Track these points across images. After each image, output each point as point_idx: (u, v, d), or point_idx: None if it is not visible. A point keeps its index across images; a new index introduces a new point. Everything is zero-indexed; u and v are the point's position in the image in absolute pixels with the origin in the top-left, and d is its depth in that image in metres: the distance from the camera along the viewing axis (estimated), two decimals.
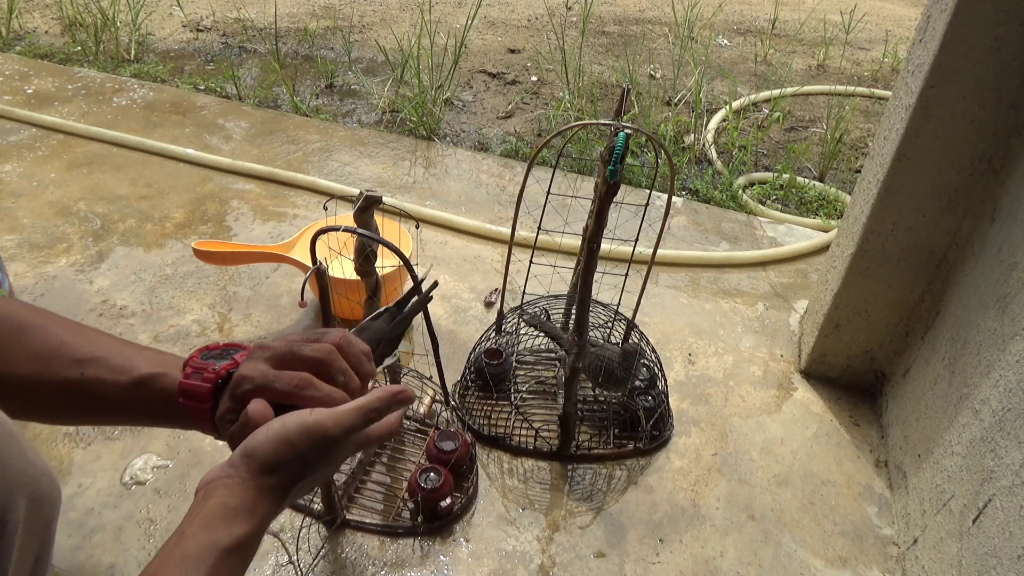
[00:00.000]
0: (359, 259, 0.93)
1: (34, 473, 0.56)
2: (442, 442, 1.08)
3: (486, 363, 1.21)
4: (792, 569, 1.05)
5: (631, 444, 1.18)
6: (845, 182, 2.12)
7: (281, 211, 1.71)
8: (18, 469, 0.54)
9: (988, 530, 0.86)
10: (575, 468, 1.16)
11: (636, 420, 1.18)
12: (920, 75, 1.05)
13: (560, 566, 1.02)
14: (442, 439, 1.08)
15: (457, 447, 1.08)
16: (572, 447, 1.16)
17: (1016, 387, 0.87)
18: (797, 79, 2.77)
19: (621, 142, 0.87)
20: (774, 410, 1.30)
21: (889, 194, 1.14)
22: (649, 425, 1.17)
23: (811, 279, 1.65)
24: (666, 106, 2.43)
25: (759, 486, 1.16)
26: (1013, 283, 0.94)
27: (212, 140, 1.99)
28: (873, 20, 3.48)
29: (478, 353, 1.23)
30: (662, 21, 3.29)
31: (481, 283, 1.54)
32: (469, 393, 1.24)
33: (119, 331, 1.33)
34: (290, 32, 2.85)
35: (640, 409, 1.18)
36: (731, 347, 1.43)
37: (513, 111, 2.38)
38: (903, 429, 1.19)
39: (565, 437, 1.15)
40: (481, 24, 3.07)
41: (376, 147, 2.04)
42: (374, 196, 0.89)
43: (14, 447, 0.54)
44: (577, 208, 1.63)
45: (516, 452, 1.16)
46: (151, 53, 2.59)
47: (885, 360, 1.31)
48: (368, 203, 0.88)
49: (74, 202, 1.68)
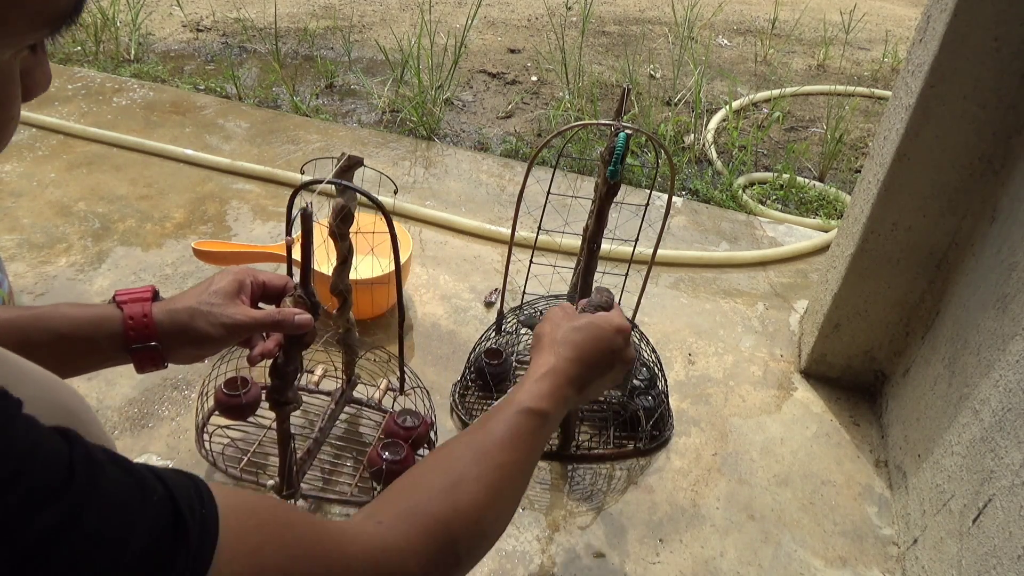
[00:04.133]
0: (336, 219, 0.91)
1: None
2: (402, 419, 1.06)
3: (486, 363, 1.20)
4: (792, 569, 1.05)
5: (631, 444, 1.18)
6: (845, 182, 2.12)
7: (281, 211, 1.71)
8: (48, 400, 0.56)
9: (988, 530, 0.86)
10: (575, 468, 1.16)
11: (636, 420, 1.18)
12: (920, 75, 1.05)
13: (560, 566, 1.02)
14: (402, 416, 1.07)
15: (418, 425, 1.06)
16: (572, 447, 1.16)
17: (1016, 387, 0.87)
18: (797, 79, 2.77)
19: (622, 142, 0.87)
20: (774, 410, 1.30)
21: (889, 194, 1.14)
22: (649, 425, 1.17)
23: (811, 279, 1.65)
24: (666, 106, 2.43)
25: (759, 486, 1.16)
26: (1013, 283, 0.94)
27: (212, 140, 1.99)
28: (873, 20, 3.48)
29: (478, 353, 1.23)
30: (662, 21, 3.29)
31: (481, 283, 1.54)
32: (469, 393, 1.24)
33: None
34: (290, 32, 2.85)
35: (640, 409, 1.18)
36: (731, 347, 1.43)
37: (513, 111, 2.38)
38: (903, 429, 1.19)
39: (565, 437, 1.15)
40: (481, 24, 3.07)
41: (376, 147, 2.04)
42: (356, 157, 0.87)
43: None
44: (577, 208, 1.63)
45: None
46: (151, 53, 2.59)
47: (885, 360, 1.31)
48: (350, 163, 0.87)
49: (74, 202, 1.68)
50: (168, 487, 0.40)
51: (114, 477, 0.38)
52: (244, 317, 0.77)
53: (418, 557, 0.51)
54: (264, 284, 0.84)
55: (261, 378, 1.05)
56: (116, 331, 0.72)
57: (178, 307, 0.75)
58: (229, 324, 0.76)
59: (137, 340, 0.72)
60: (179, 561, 0.38)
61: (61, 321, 0.69)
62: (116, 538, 0.36)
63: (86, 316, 0.71)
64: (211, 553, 0.39)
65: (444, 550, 0.53)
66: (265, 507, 0.46)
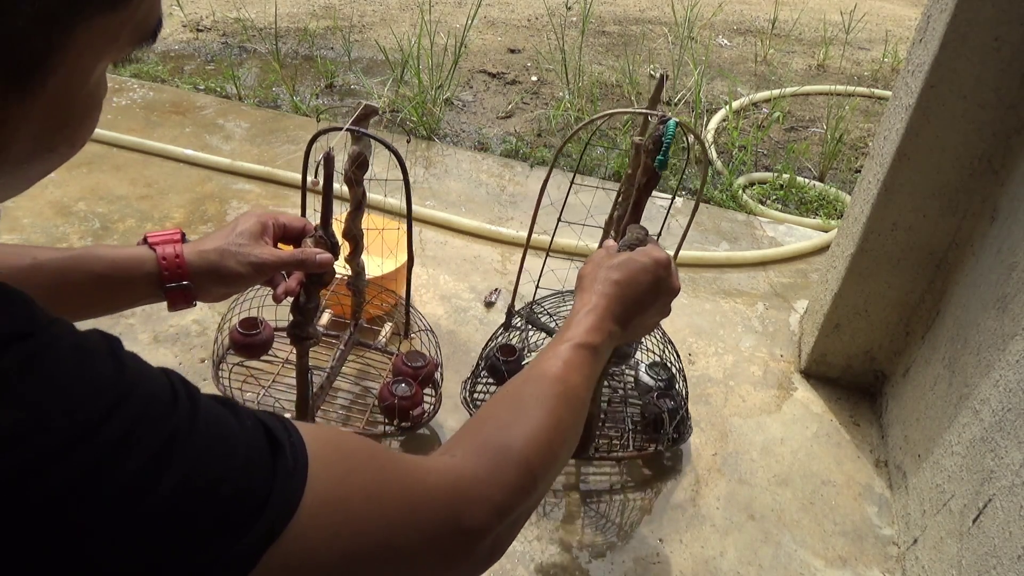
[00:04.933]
0: (352, 167, 0.94)
1: None
2: (410, 360, 1.13)
3: (500, 360, 1.19)
4: (792, 569, 1.05)
5: (652, 446, 1.16)
6: (845, 182, 2.12)
7: (281, 211, 1.71)
8: None
9: (988, 530, 0.86)
10: (586, 468, 1.16)
11: (659, 422, 1.15)
12: (920, 75, 1.05)
13: (560, 566, 1.02)
14: (411, 357, 1.14)
15: (426, 363, 1.14)
16: (592, 449, 1.13)
17: (1016, 387, 0.87)
18: (797, 79, 2.77)
19: (671, 131, 0.84)
20: (774, 410, 1.30)
21: (889, 194, 1.14)
22: (671, 427, 1.15)
23: (811, 279, 1.65)
24: (666, 106, 2.43)
25: (759, 486, 1.16)
26: (1013, 283, 0.94)
27: (212, 140, 1.99)
28: (873, 20, 3.48)
29: (491, 350, 1.22)
30: (662, 21, 3.29)
31: (481, 283, 1.54)
32: (477, 392, 1.23)
33: (119, 331, 1.32)
34: (290, 32, 2.85)
35: (664, 411, 1.15)
36: (731, 347, 1.43)
37: (513, 111, 2.38)
38: (903, 429, 1.19)
39: (585, 438, 1.12)
40: (481, 24, 3.07)
41: (376, 146, 2.03)
42: (372, 106, 0.91)
43: None
44: (579, 208, 1.63)
45: None
46: (151, 53, 2.59)
47: (885, 360, 1.31)
48: (366, 112, 0.91)
49: (74, 202, 1.68)
50: (258, 418, 0.43)
51: (210, 404, 0.41)
52: (270, 256, 0.83)
53: (499, 484, 0.53)
54: (284, 226, 0.90)
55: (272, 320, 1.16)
56: (151, 271, 0.76)
57: (207, 248, 0.81)
58: (256, 263, 0.82)
59: (171, 279, 0.77)
60: (278, 481, 0.40)
61: (98, 262, 0.74)
62: (222, 453, 0.39)
63: (122, 257, 0.76)
64: (304, 473, 0.42)
65: (521, 475, 0.55)
66: (349, 439, 0.49)
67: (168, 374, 0.40)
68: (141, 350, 0.99)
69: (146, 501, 0.35)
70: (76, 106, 0.38)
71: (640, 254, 0.76)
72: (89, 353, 0.37)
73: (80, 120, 0.39)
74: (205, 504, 0.37)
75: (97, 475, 0.34)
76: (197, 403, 0.40)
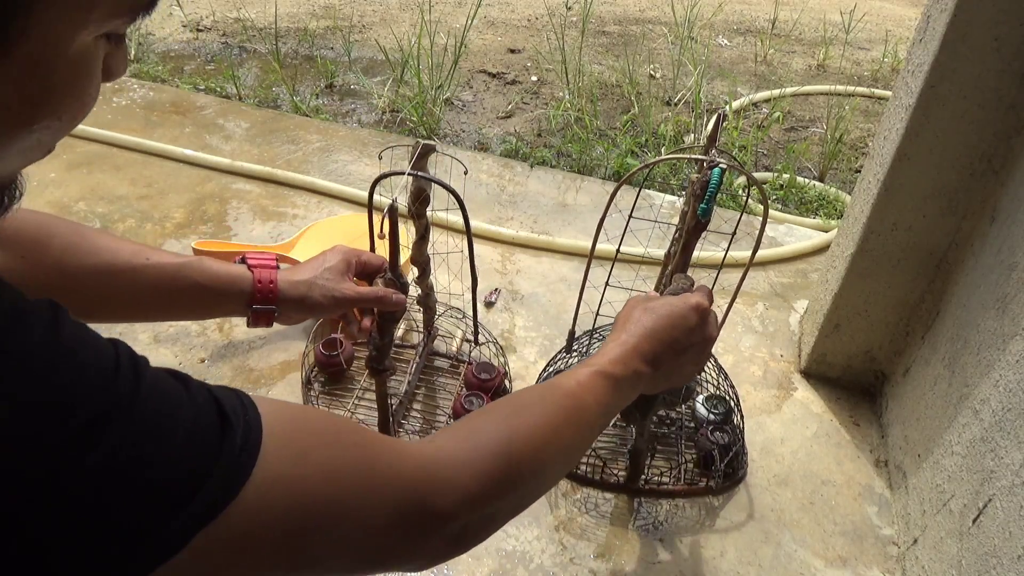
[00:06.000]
0: (415, 202, 1.02)
1: None
2: (480, 372, 1.21)
3: None
4: (792, 569, 1.05)
5: (704, 482, 1.13)
6: (845, 182, 2.12)
7: (281, 211, 1.71)
8: None
9: (988, 530, 0.86)
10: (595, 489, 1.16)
11: (710, 458, 1.13)
12: (920, 75, 1.05)
13: (560, 566, 1.02)
14: (479, 369, 1.21)
15: (494, 376, 1.20)
16: (641, 481, 1.12)
17: (1016, 387, 0.87)
18: (797, 79, 2.77)
19: (716, 179, 0.82)
20: (774, 410, 1.30)
21: (889, 194, 1.14)
22: (723, 464, 1.12)
23: (811, 279, 1.65)
24: (666, 106, 2.43)
25: (759, 486, 1.16)
26: (1013, 283, 0.94)
27: (212, 140, 1.99)
28: (873, 20, 3.48)
29: (550, 375, 1.21)
30: (662, 21, 3.29)
31: (481, 283, 1.53)
32: None
33: (119, 331, 1.32)
34: (290, 32, 2.85)
35: (715, 447, 1.12)
36: (731, 347, 1.43)
37: (513, 111, 2.38)
38: (903, 429, 1.19)
39: (634, 471, 1.11)
40: (481, 24, 3.07)
41: (376, 147, 2.03)
42: (430, 145, 0.97)
43: None
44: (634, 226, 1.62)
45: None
46: (151, 53, 2.59)
47: (885, 360, 1.31)
48: (424, 151, 0.97)
49: (74, 202, 1.68)
50: (213, 394, 0.42)
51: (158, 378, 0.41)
52: (352, 293, 0.91)
53: (472, 469, 0.52)
54: (364, 264, 0.98)
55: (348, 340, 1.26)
56: (245, 290, 0.83)
57: (298, 279, 0.88)
58: (340, 298, 0.90)
59: (261, 302, 0.84)
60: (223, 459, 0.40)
61: (201, 274, 0.80)
62: (163, 429, 0.38)
63: (223, 272, 0.83)
64: (255, 451, 0.42)
65: (499, 467, 0.54)
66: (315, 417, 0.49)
67: (116, 345, 0.40)
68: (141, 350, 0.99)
69: (68, 474, 0.34)
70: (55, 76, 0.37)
71: (678, 298, 0.76)
72: (24, 317, 0.36)
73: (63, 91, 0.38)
74: (133, 481, 0.36)
75: (19, 444, 0.33)
76: (141, 376, 0.39)
